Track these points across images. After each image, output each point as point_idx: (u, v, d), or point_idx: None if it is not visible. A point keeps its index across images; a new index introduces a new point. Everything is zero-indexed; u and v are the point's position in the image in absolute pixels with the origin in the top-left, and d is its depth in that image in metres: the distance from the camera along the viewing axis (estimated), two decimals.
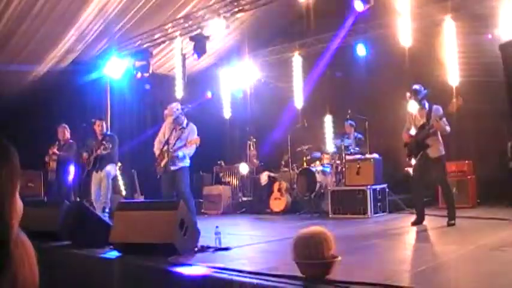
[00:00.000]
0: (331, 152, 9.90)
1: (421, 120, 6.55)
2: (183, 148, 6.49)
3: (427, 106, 6.53)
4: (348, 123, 9.73)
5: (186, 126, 6.68)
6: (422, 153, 6.46)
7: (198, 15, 9.38)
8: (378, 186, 8.36)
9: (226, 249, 4.87)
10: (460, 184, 8.29)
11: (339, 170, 9.39)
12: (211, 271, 3.79)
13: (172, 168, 6.51)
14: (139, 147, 10.02)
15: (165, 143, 6.57)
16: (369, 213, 7.99)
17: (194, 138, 6.52)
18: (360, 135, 9.63)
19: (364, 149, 9.36)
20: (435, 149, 6.41)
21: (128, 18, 9.34)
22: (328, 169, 9.49)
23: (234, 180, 11.60)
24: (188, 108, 6.89)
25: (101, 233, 5.08)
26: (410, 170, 7.73)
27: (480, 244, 4.84)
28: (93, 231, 5.32)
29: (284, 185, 9.78)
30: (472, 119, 8.29)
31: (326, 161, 9.74)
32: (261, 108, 11.69)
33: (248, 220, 9.05)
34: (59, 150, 8.76)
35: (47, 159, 8.86)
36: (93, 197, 7.93)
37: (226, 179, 11.70)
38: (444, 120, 6.35)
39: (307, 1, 8.52)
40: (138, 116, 11.69)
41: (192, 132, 6.62)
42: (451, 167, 7.95)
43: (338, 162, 9.43)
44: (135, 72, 10.30)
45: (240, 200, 11.03)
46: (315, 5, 8.53)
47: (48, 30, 8.76)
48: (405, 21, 8.43)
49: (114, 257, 4.71)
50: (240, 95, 11.99)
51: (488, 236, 5.39)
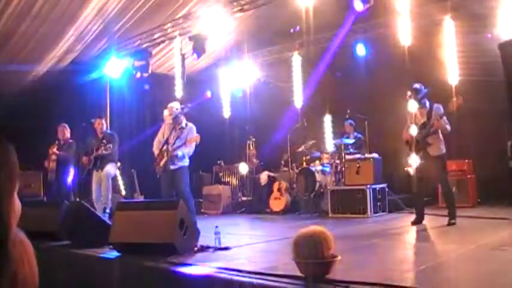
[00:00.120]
0: (330, 151, 9.89)
1: (422, 119, 6.56)
2: (182, 147, 6.50)
3: (427, 105, 6.53)
4: (348, 122, 9.72)
5: (185, 126, 6.69)
6: (423, 152, 6.47)
7: (198, 15, 9.38)
8: (378, 186, 8.36)
9: (226, 248, 4.87)
10: (460, 183, 8.29)
11: (338, 169, 9.38)
12: (211, 271, 3.79)
13: (172, 167, 6.52)
14: (139, 147, 9.99)
15: (165, 142, 6.58)
16: (369, 212, 7.99)
17: (194, 136, 6.52)
18: (360, 135, 9.63)
19: (364, 148, 9.36)
20: (436, 148, 6.41)
21: (127, 18, 9.33)
22: (327, 169, 9.48)
23: (234, 180, 11.59)
24: (188, 107, 6.89)
25: (101, 233, 5.09)
26: (410, 169, 7.73)
27: (480, 243, 4.84)
28: (92, 231, 5.33)
29: (284, 185, 9.77)
30: (472, 118, 8.27)
31: (326, 161, 9.72)
32: (260, 108, 11.67)
33: (248, 220, 9.05)
34: (58, 150, 8.74)
35: (46, 165, 8.83)
36: (94, 196, 7.91)
37: (226, 178, 11.70)
38: (445, 119, 6.36)
39: (306, 0, 8.52)
40: (137, 115, 11.67)
41: (191, 131, 6.63)
42: (451, 166, 7.94)
43: (338, 161, 9.41)
44: (135, 72, 10.29)
45: (239, 199, 11.02)
46: (315, 5, 8.51)
47: (47, 30, 8.75)
48: (405, 20, 8.44)
49: (113, 257, 4.71)
50: (239, 94, 11.98)
51: (489, 235, 5.38)
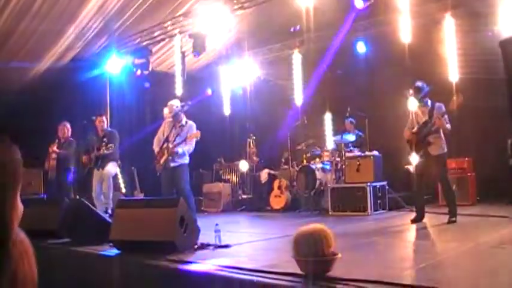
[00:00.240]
0: (330, 149, 9.89)
1: (424, 118, 6.55)
2: (182, 144, 6.50)
3: (429, 103, 6.52)
4: (348, 120, 9.70)
5: (185, 123, 6.69)
6: (423, 150, 6.46)
7: (198, 13, 9.37)
8: (378, 184, 8.36)
9: (226, 246, 4.87)
10: (460, 181, 8.28)
11: (338, 167, 9.38)
12: (211, 268, 3.79)
13: (172, 165, 6.52)
14: (139, 144, 9.98)
15: (165, 140, 6.58)
16: (369, 210, 7.99)
17: (194, 132, 6.52)
18: (360, 133, 9.63)
19: (364, 146, 9.35)
20: (437, 147, 6.40)
21: (128, 15, 9.32)
22: (328, 166, 9.48)
23: (234, 178, 11.59)
24: (188, 105, 6.89)
25: (101, 231, 5.09)
26: (410, 167, 7.73)
27: (480, 241, 4.84)
28: (92, 229, 5.33)
29: (284, 183, 9.78)
30: (472, 116, 8.26)
31: (326, 158, 9.72)
32: (260, 105, 11.66)
33: (248, 217, 9.06)
34: (58, 148, 8.73)
35: (46, 166, 8.81)
36: (94, 194, 7.91)
37: (226, 176, 11.70)
38: (446, 117, 6.35)
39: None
40: (137, 113, 11.66)
41: (191, 129, 6.63)
42: (451, 164, 7.93)
43: (338, 159, 9.41)
44: (135, 70, 10.29)
45: (240, 197, 11.02)
46: (315, 2, 8.50)
47: (47, 28, 8.74)
48: (405, 18, 8.42)
49: (113, 255, 4.71)
50: (239, 92, 11.98)
51: (489, 233, 5.38)
